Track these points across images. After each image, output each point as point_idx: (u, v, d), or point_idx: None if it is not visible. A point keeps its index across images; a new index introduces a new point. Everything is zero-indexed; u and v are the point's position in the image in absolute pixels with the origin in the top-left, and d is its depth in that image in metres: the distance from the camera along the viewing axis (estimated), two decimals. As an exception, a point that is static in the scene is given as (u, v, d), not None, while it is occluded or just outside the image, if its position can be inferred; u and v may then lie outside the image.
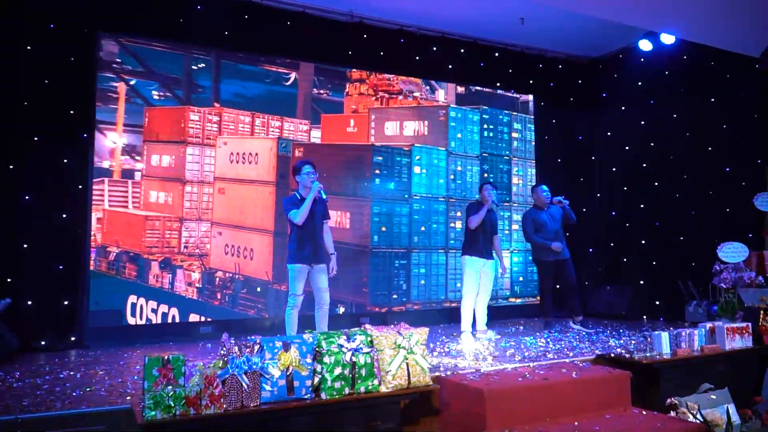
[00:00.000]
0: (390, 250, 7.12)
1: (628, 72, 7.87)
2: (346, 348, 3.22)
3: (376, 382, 3.28)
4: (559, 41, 7.81)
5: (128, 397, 3.30)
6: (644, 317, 7.44)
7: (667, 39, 6.86)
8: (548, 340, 5.53)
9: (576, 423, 3.54)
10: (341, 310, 6.73)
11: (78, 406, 3.12)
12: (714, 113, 6.86)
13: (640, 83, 7.76)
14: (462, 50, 7.60)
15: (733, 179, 6.56)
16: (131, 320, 5.84)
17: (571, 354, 4.68)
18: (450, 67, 7.57)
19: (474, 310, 5.98)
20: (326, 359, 3.15)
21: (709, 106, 6.91)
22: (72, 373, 4.16)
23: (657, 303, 7.45)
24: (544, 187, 6.35)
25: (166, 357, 2.86)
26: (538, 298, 7.48)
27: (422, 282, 7.31)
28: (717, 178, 6.78)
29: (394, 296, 7.13)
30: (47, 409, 3.05)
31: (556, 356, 4.58)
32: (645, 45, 7.18)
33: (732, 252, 5.27)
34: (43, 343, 5.31)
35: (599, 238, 8.16)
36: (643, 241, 7.72)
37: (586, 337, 5.72)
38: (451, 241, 7.51)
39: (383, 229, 7.10)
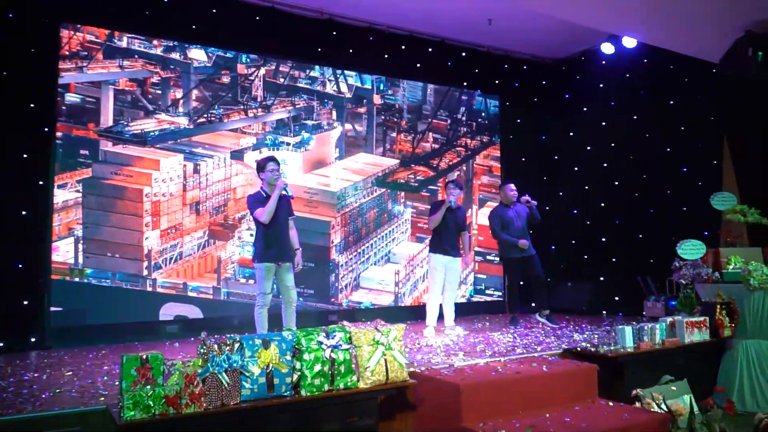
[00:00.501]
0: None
1: (590, 74, 8.09)
2: (326, 345, 3.23)
3: (354, 378, 3.30)
4: (524, 42, 7.98)
5: (102, 398, 3.23)
6: (603, 312, 7.68)
7: (629, 43, 7.09)
8: (515, 335, 5.64)
9: (547, 415, 3.64)
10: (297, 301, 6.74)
11: (50, 408, 3.04)
12: (672, 115, 7.12)
13: (601, 85, 7.99)
14: (430, 49, 7.68)
15: (690, 179, 6.82)
16: (94, 320, 5.69)
17: (539, 349, 4.79)
18: (418, 66, 7.63)
19: (441, 307, 6.07)
20: (306, 356, 3.16)
21: (668, 108, 7.16)
22: (37, 375, 4.05)
23: (616, 298, 7.69)
24: (512, 185, 6.48)
25: (144, 356, 2.81)
26: (504, 294, 7.63)
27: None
28: (675, 177, 7.04)
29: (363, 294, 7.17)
30: (18, 411, 2.96)
31: (524, 351, 4.69)
32: (607, 48, 7.40)
33: (690, 249, 5.48)
34: (2, 344, 5.13)
35: (561, 235, 8.36)
36: (603, 239, 7.95)
37: (552, 332, 5.86)
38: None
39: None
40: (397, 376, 3.42)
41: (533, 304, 6.81)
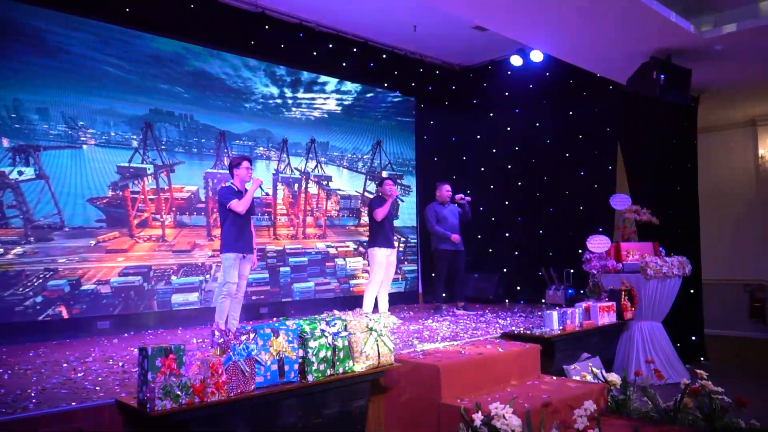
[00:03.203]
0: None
1: (496, 82, 8.79)
2: (328, 332, 3.41)
3: (351, 363, 3.51)
4: (437, 49, 8.44)
5: (117, 389, 3.17)
6: (506, 301, 8.44)
7: (536, 57, 7.83)
8: (450, 323, 6.10)
9: (509, 389, 4.10)
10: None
11: (40, 407, 2.92)
12: (572, 124, 7.99)
13: (507, 93, 8.72)
14: (354, 49, 7.90)
15: (587, 181, 7.72)
16: (19, 317, 5.29)
17: (479, 333, 5.28)
18: (344, 65, 7.85)
19: (376, 298, 6.40)
20: (311, 343, 3.32)
21: (568, 118, 8.03)
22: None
23: (518, 288, 8.49)
24: (448, 186, 7.01)
25: (168, 347, 2.83)
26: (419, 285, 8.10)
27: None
28: (573, 180, 7.92)
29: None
30: (23, 409, 2.83)
31: (468, 336, 5.14)
32: (516, 60, 8.11)
33: (598, 243, 6.28)
34: None
35: (469, 230, 8.98)
36: (507, 234, 8.72)
37: (476, 319, 6.41)
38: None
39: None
40: (386, 360, 3.68)
41: (443, 295, 7.36)
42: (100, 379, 3.56)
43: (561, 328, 5.27)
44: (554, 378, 4.53)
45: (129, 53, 6.12)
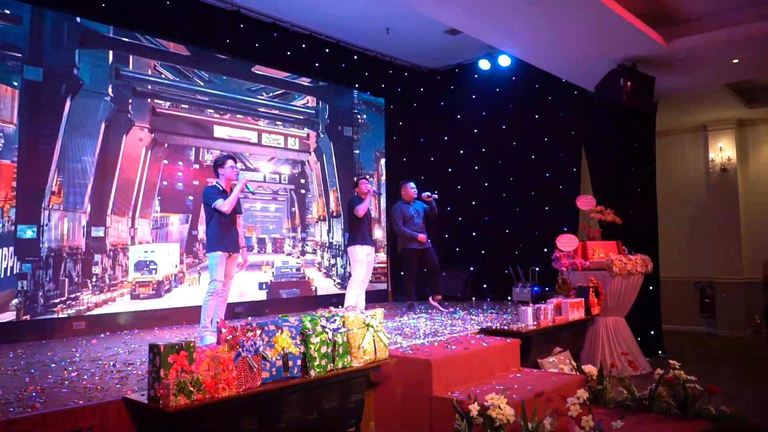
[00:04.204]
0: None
1: (464, 86, 9.00)
2: (328, 328, 3.49)
3: (349, 358, 3.60)
4: (406, 51, 8.58)
5: (124, 387, 3.17)
6: (473, 298, 8.66)
7: (504, 61, 8.07)
8: (426, 320, 6.25)
9: (494, 382, 4.27)
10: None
11: (47, 406, 2.89)
12: (537, 128, 8.27)
13: (474, 96, 8.94)
14: (327, 50, 7.97)
15: (553, 183, 8.01)
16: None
17: (457, 330, 5.44)
18: (317, 65, 7.89)
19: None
20: (313, 339, 3.39)
21: (534, 121, 8.30)
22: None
23: (484, 286, 8.72)
24: (413, 184, 7.10)
25: (179, 344, 2.86)
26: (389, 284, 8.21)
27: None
28: (539, 181, 8.19)
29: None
30: (32, 408, 2.79)
31: (449, 332, 5.29)
32: (484, 64, 8.33)
33: (567, 242, 6.54)
34: None
35: (437, 230, 9.17)
36: (474, 233, 8.94)
37: (450, 316, 6.58)
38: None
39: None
40: (382, 355, 3.79)
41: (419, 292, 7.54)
42: (97, 378, 3.53)
43: (535, 323, 5.49)
44: (534, 370, 4.74)
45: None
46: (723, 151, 9.12)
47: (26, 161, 5.40)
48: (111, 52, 6.10)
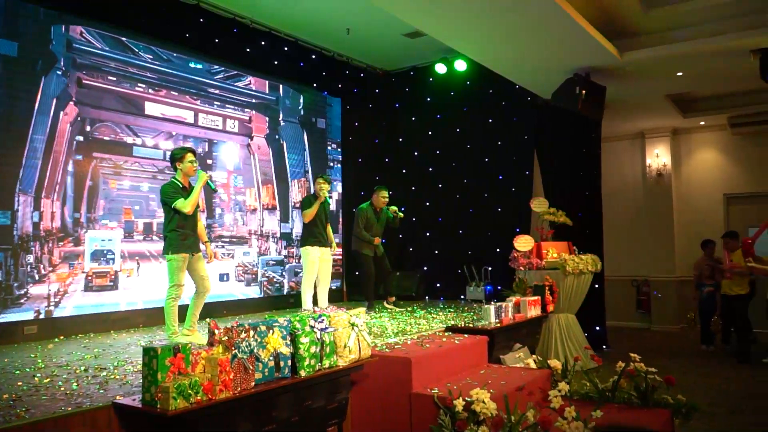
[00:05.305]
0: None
1: (418, 88, 9.15)
2: (317, 328, 3.51)
3: (335, 357, 3.63)
4: (363, 52, 8.65)
5: (107, 393, 3.06)
6: (426, 297, 8.82)
7: (460, 66, 8.28)
8: (388, 319, 6.34)
9: (468, 378, 4.40)
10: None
11: (30, 414, 2.78)
12: (491, 131, 8.52)
13: (428, 99, 9.11)
14: (286, 48, 7.91)
15: (505, 185, 8.28)
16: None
17: (423, 328, 5.55)
18: (276, 63, 7.83)
19: (316, 296, 6.51)
20: (303, 339, 3.40)
21: (488, 125, 8.55)
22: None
23: (438, 285, 8.90)
24: (386, 193, 7.15)
25: (176, 347, 2.82)
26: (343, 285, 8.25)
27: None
28: (492, 183, 8.45)
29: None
30: (18, 417, 2.67)
31: (416, 331, 5.40)
32: (440, 68, 8.51)
33: (523, 242, 6.80)
34: None
35: (390, 230, 9.28)
36: (428, 234, 9.11)
37: (410, 315, 6.70)
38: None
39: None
40: (365, 354, 3.84)
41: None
42: (74, 384, 3.39)
43: (498, 321, 5.68)
44: (501, 366, 4.92)
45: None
46: (659, 157, 9.71)
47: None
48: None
